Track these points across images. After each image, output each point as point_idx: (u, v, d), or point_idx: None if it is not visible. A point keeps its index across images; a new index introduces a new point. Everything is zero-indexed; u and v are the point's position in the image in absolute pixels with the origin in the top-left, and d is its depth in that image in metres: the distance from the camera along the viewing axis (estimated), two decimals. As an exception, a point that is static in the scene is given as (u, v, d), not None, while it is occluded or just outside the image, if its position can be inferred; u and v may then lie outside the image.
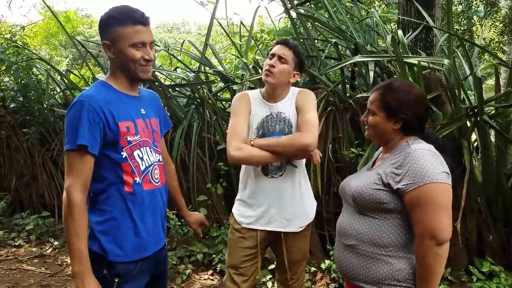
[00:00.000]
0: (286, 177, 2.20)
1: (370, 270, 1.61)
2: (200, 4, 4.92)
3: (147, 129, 1.79)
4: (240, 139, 2.12)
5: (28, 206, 5.51)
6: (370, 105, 1.72)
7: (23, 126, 5.14)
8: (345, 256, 1.71)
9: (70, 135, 1.58)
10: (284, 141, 2.11)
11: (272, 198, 2.19)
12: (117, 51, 1.66)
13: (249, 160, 2.15)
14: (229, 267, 2.30)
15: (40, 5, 15.84)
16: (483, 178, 3.12)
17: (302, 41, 3.90)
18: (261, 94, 2.30)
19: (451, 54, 3.30)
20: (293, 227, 2.22)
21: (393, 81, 1.74)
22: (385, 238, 1.60)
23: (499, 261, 3.14)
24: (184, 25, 42.19)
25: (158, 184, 1.81)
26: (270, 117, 2.22)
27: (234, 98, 2.31)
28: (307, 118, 2.12)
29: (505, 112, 3.06)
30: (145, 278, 1.79)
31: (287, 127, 2.19)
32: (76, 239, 1.55)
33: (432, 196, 1.48)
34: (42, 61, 5.69)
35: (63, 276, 4.01)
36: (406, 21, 4.84)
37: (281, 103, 2.23)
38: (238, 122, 2.18)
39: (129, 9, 1.67)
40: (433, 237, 1.47)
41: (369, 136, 1.79)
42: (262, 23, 8.08)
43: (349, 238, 1.69)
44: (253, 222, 2.23)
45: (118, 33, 1.64)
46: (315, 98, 2.26)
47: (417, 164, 1.52)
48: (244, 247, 2.24)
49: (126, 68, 1.70)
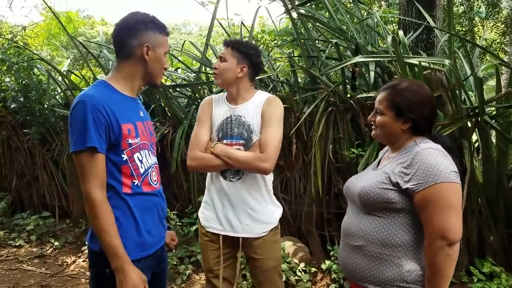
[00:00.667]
0: (244, 180, 2.18)
1: (378, 271, 1.58)
2: (201, 4, 4.92)
3: (146, 131, 1.80)
4: (198, 149, 2.18)
5: (29, 206, 5.52)
6: (378, 105, 1.71)
7: (24, 126, 5.15)
8: (352, 258, 1.68)
9: (77, 136, 1.57)
10: (242, 158, 2.10)
11: (231, 202, 2.18)
12: (154, 55, 1.72)
13: (204, 169, 2.26)
14: (205, 271, 2.33)
15: (42, 5, 15.87)
16: (484, 178, 3.11)
17: (303, 42, 3.90)
18: (226, 96, 2.30)
19: (452, 54, 3.30)
20: (252, 232, 2.19)
21: (401, 81, 1.72)
22: (394, 238, 1.58)
23: (499, 261, 3.13)
24: (185, 25, 42.20)
25: (157, 185, 1.83)
26: (229, 119, 2.21)
27: (200, 104, 2.34)
28: (270, 137, 2.11)
29: (506, 113, 3.05)
30: (147, 276, 1.80)
31: (246, 131, 2.17)
32: (107, 236, 1.56)
33: (443, 196, 1.47)
34: (43, 61, 5.70)
35: (63, 277, 4.01)
36: (407, 22, 4.84)
37: (243, 107, 2.21)
38: (198, 131, 2.23)
39: (158, 19, 1.77)
40: (444, 237, 1.45)
41: (376, 136, 1.77)
42: (262, 24, 8.08)
43: (356, 239, 1.67)
44: (215, 227, 2.23)
45: (159, 39, 1.73)
46: (282, 109, 2.22)
47: (426, 163, 1.51)
48: (214, 250, 2.25)
49: (153, 72, 1.75)
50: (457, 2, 9.35)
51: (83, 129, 1.56)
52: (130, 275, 1.57)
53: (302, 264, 3.50)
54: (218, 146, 2.16)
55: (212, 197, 2.26)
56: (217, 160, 2.13)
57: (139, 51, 1.69)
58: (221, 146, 2.16)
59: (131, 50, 1.70)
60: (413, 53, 4.41)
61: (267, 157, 2.07)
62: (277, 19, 9.08)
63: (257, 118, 2.17)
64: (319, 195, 3.52)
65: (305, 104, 3.82)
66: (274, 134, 2.12)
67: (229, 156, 2.11)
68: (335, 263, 3.42)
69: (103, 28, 17.51)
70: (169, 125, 4.25)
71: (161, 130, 4.18)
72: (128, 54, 1.71)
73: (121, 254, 1.57)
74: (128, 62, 1.73)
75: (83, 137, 1.55)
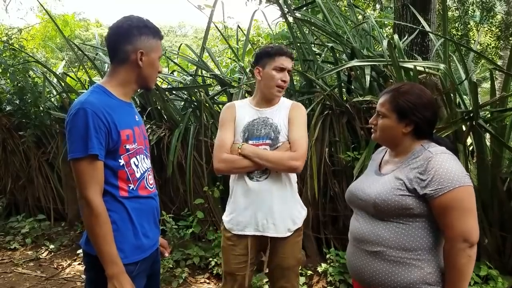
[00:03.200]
0: (270, 180, 2.20)
1: (399, 275, 1.58)
2: (198, 8, 4.93)
3: (141, 136, 1.82)
4: (225, 151, 2.18)
5: (24, 209, 5.50)
6: (380, 108, 1.72)
7: (19, 129, 5.13)
8: (368, 263, 1.66)
9: (77, 143, 1.57)
10: (273, 158, 2.13)
11: (258, 202, 2.19)
12: (148, 60, 1.72)
13: (232, 171, 2.24)
14: (225, 274, 2.33)
15: (38, 8, 15.83)
16: (478, 182, 3.12)
17: (299, 45, 3.92)
18: (249, 101, 2.34)
19: (446, 58, 3.32)
20: (280, 231, 2.21)
21: (403, 84, 1.74)
22: (414, 242, 1.58)
23: (494, 264, 3.14)
24: (181, 28, 42.25)
25: (153, 189, 1.85)
26: (256, 121, 2.24)
27: (222, 110, 2.36)
28: (299, 136, 2.17)
29: (500, 117, 3.08)
30: (143, 278, 1.81)
31: (274, 132, 2.20)
32: (106, 245, 1.58)
33: (463, 200, 1.51)
34: (39, 63, 5.68)
35: (58, 280, 4.00)
36: (402, 26, 4.86)
37: (270, 110, 2.26)
38: (223, 134, 2.24)
39: (152, 23, 1.76)
40: (466, 240, 1.48)
41: (377, 139, 1.78)
42: (258, 27, 8.10)
43: (373, 245, 1.65)
44: (242, 229, 2.23)
45: (153, 44, 1.73)
46: (306, 114, 2.32)
47: (443, 168, 1.53)
48: (237, 255, 2.25)
49: (146, 76, 1.75)
50: (452, 6, 9.40)
51: (84, 136, 1.56)
52: (125, 284, 1.59)
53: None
54: (246, 147, 2.17)
55: (237, 198, 2.25)
56: (246, 161, 2.14)
57: (133, 56, 1.69)
58: (249, 146, 2.17)
59: (125, 55, 1.70)
60: (408, 57, 4.43)
61: (299, 156, 2.13)
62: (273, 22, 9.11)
63: (284, 120, 2.22)
64: (315, 198, 3.53)
65: (301, 107, 3.83)
66: (303, 134, 2.20)
67: (260, 156, 2.13)
68: (331, 265, 3.43)
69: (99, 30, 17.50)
70: (165, 128, 4.25)
71: (157, 133, 4.18)
72: (122, 60, 1.71)
73: (118, 262, 1.60)
74: (122, 67, 1.73)
75: (84, 145, 1.56)
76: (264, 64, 2.22)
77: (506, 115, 3.10)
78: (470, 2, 9.39)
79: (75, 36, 16.74)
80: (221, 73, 4.63)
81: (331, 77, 4.48)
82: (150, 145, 3.91)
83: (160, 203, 1.97)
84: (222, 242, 2.35)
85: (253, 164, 2.14)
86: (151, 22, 1.76)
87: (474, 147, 3.16)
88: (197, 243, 4.12)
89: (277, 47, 2.24)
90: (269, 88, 2.22)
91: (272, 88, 2.21)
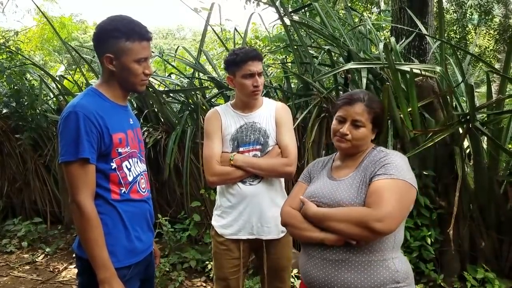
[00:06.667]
0: (263, 183, 2.20)
1: (370, 277, 1.54)
2: (194, 11, 4.93)
3: (135, 139, 1.80)
4: (216, 163, 2.16)
5: (20, 212, 5.48)
6: (357, 116, 1.64)
7: (16, 131, 5.11)
8: (333, 273, 1.57)
9: (68, 146, 1.56)
10: (267, 166, 2.15)
11: (252, 206, 2.18)
12: (119, 65, 1.65)
13: (226, 182, 2.21)
14: (218, 279, 2.31)
15: (35, 10, 15.82)
16: (475, 184, 3.12)
17: (296, 48, 3.92)
18: (231, 106, 2.30)
19: (443, 61, 3.33)
20: (274, 233, 2.22)
21: (361, 92, 1.73)
22: (379, 242, 1.56)
23: (491, 267, 3.13)
24: (179, 31, 42.29)
25: (145, 193, 1.83)
26: (244, 127, 2.22)
27: (205, 119, 2.31)
28: (289, 141, 2.19)
29: (497, 119, 3.08)
30: (137, 282, 1.80)
31: (263, 136, 2.20)
32: (97, 248, 1.57)
33: (401, 191, 1.52)
34: (36, 66, 5.67)
35: (54, 283, 3.98)
36: (399, 29, 4.88)
37: (255, 114, 2.24)
38: (211, 145, 2.21)
39: (135, 23, 1.66)
40: (378, 220, 1.47)
41: (348, 149, 1.69)
42: (255, 30, 8.11)
43: (337, 252, 1.58)
44: (236, 233, 2.22)
45: (123, 47, 1.63)
46: (291, 114, 2.34)
47: (396, 163, 1.57)
48: (231, 259, 2.24)
49: (125, 81, 1.70)
50: (450, 9, 9.43)
51: (75, 139, 1.55)
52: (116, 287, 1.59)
53: (295, 270, 3.50)
54: (238, 157, 2.16)
55: (231, 203, 2.23)
56: (239, 172, 2.15)
57: (105, 61, 1.66)
58: (241, 157, 2.16)
59: (100, 60, 1.68)
60: (405, 60, 4.44)
61: (291, 161, 2.15)
62: (270, 25, 9.11)
63: (272, 124, 2.22)
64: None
65: (298, 110, 3.83)
66: (292, 138, 2.22)
67: (253, 166, 2.14)
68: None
69: (97, 33, 17.42)
70: (162, 131, 4.24)
71: (154, 135, 4.17)
72: (101, 64, 1.70)
73: (109, 266, 1.59)
74: (104, 72, 1.72)
75: (75, 148, 1.55)
76: (233, 72, 2.17)
77: (502, 118, 3.10)
78: (468, 5, 9.42)
79: (72, 38, 16.72)
80: (218, 75, 4.62)
81: (328, 80, 4.48)
82: (146, 148, 3.93)
83: (157, 205, 1.96)
84: (213, 248, 2.32)
85: (245, 174, 2.15)
86: (131, 23, 1.66)
87: (470, 149, 3.16)
88: (194, 246, 4.10)
89: (241, 54, 2.14)
90: (245, 96, 2.20)
91: (248, 95, 2.19)
